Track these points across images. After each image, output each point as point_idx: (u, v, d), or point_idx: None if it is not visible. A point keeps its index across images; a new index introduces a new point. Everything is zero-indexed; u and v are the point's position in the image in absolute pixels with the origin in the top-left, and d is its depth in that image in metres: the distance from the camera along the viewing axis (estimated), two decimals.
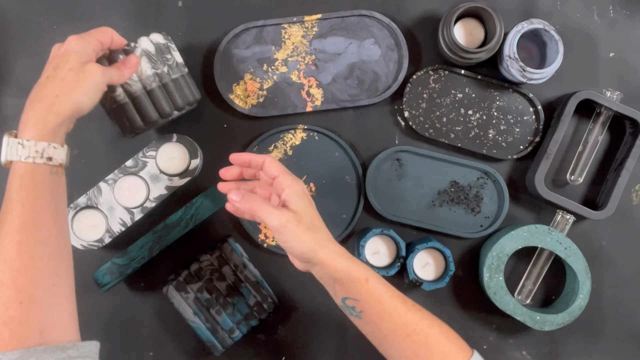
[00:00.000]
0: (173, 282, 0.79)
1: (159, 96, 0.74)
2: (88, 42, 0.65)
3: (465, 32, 0.81)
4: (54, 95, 0.61)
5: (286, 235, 0.63)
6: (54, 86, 0.62)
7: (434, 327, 0.67)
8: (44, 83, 0.62)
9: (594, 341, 0.83)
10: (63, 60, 0.63)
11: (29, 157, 0.60)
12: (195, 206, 0.78)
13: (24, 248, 0.58)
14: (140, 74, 0.72)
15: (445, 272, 0.80)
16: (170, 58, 0.75)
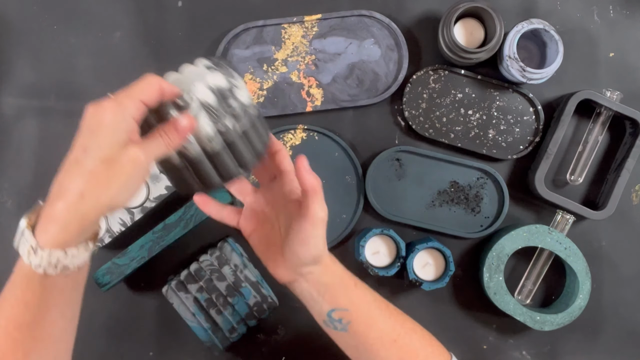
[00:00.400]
0: (173, 282, 0.79)
1: (223, 159, 0.56)
2: (126, 111, 0.50)
3: (465, 32, 0.81)
4: (79, 192, 0.49)
5: (320, 229, 0.59)
6: (80, 180, 0.49)
7: (416, 331, 0.66)
8: (70, 171, 0.50)
9: (594, 341, 0.83)
10: (94, 141, 0.49)
11: (39, 267, 0.50)
12: (195, 206, 0.78)
13: (20, 346, 0.52)
14: (198, 134, 0.53)
15: (445, 272, 0.80)
16: (235, 104, 0.55)
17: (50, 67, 0.84)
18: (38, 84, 0.84)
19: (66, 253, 0.51)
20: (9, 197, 0.83)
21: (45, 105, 0.84)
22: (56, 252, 0.50)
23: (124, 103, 0.50)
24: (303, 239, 0.59)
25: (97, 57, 0.84)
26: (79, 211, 0.49)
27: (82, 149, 0.50)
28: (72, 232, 0.50)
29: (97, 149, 0.49)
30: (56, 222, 0.50)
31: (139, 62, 0.84)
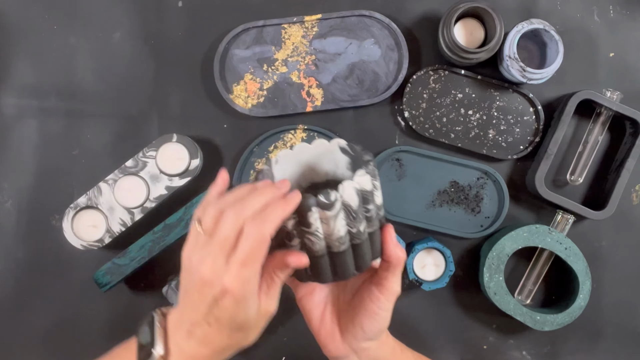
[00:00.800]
0: (173, 282, 0.79)
1: (344, 259, 0.53)
2: (252, 277, 0.48)
3: (465, 32, 0.81)
4: (220, 349, 0.51)
5: (391, 304, 0.56)
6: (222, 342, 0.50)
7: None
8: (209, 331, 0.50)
9: (594, 341, 0.83)
10: (227, 317, 0.49)
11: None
12: (195, 206, 0.78)
13: None
14: (330, 234, 0.51)
15: (445, 272, 0.80)
16: (372, 208, 0.52)
17: (50, 67, 0.84)
18: (38, 84, 0.84)
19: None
20: (9, 197, 0.83)
21: (45, 106, 0.84)
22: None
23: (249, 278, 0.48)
24: (373, 312, 0.55)
25: (97, 57, 0.84)
26: (220, 356, 0.52)
27: (215, 319, 0.49)
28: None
29: (232, 323, 0.49)
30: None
31: (139, 62, 0.84)
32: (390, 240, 0.54)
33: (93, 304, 0.83)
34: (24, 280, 0.83)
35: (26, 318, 0.83)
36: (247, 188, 0.50)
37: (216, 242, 0.48)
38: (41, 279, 0.83)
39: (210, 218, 0.48)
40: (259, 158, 0.83)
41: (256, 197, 0.48)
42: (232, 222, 0.47)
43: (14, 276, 0.83)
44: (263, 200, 0.48)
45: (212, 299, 0.48)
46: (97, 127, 0.84)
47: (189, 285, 0.50)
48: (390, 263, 0.54)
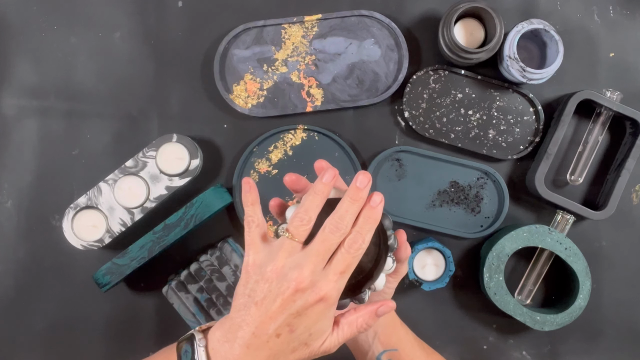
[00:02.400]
0: (173, 283, 0.79)
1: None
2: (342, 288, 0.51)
3: (465, 32, 0.81)
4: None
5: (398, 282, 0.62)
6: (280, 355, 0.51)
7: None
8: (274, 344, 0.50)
9: (594, 341, 0.83)
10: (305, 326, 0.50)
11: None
12: (195, 206, 0.78)
13: None
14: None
15: (445, 272, 0.80)
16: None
17: (50, 67, 0.84)
18: (38, 84, 0.84)
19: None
20: (9, 197, 0.83)
21: (45, 106, 0.84)
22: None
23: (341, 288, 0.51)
24: (383, 291, 0.61)
25: (97, 57, 0.84)
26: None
27: (289, 329, 0.50)
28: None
29: (305, 334, 0.51)
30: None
31: (139, 62, 0.84)
32: (404, 243, 0.58)
33: (93, 304, 0.83)
34: (24, 280, 0.83)
35: (26, 318, 0.83)
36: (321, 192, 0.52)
37: (318, 250, 0.50)
38: (41, 279, 0.83)
39: (304, 226, 0.51)
40: (259, 158, 0.83)
41: (351, 208, 0.51)
42: (337, 234, 0.50)
43: (14, 276, 0.83)
44: (356, 211, 0.51)
45: (301, 305, 0.49)
46: (97, 127, 0.84)
47: (267, 293, 0.50)
48: (402, 260, 0.58)
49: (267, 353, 0.51)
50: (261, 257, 0.52)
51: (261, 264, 0.51)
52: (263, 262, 0.51)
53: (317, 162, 0.55)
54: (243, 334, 0.51)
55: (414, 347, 0.67)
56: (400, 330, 0.67)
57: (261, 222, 0.54)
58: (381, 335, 0.64)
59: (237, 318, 0.51)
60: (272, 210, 0.57)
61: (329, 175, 0.52)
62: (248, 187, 0.54)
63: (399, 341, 0.65)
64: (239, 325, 0.51)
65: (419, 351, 0.67)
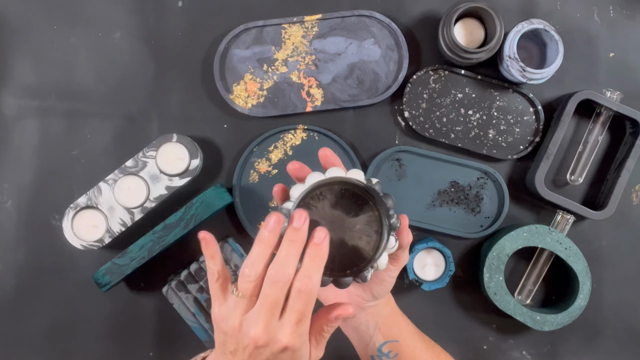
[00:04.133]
0: (173, 282, 0.79)
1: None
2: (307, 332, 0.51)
3: (465, 32, 0.81)
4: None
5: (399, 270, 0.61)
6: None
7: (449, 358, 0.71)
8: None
9: (594, 341, 0.83)
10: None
11: None
12: (195, 206, 0.78)
13: None
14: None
15: (445, 272, 0.80)
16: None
17: (50, 67, 0.84)
18: (38, 84, 0.84)
19: None
20: (9, 197, 0.83)
21: (45, 105, 0.84)
22: None
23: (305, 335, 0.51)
24: (384, 280, 0.60)
25: (97, 57, 0.84)
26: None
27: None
28: None
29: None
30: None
31: (139, 62, 0.84)
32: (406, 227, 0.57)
33: (93, 304, 0.83)
34: (24, 280, 0.83)
35: (26, 318, 0.83)
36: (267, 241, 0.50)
37: (266, 306, 0.49)
38: (41, 279, 0.83)
39: (249, 283, 0.49)
40: (259, 158, 0.83)
41: (291, 251, 0.49)
42: (280, 285, 0.48)
43: (14, 276, 0.83)
44: (298, 253, 0.49)
45: (268, 357, 0.50)
46: (97, 127, 0.84)
47: (236, 346, 0.51)
48: (403, 245, 0.58)
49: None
50: (222, 312, 0.51)
51: (223, 319, 0.51)
52: (224, 317, 0.51)
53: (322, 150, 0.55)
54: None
55: (415, 338, 0.68)
56: (401, 321, 0.67)
57: (221, 274, 0.53)
58: (382, 326, 0.65)
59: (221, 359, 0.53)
60: (275, 196, 0.56)
61: (273, 222, 0.49)
62: (205, 242, 0.53)
63: (399, 332, 0.66)
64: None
65: (420, 342, 0.68)
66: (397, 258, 0.59)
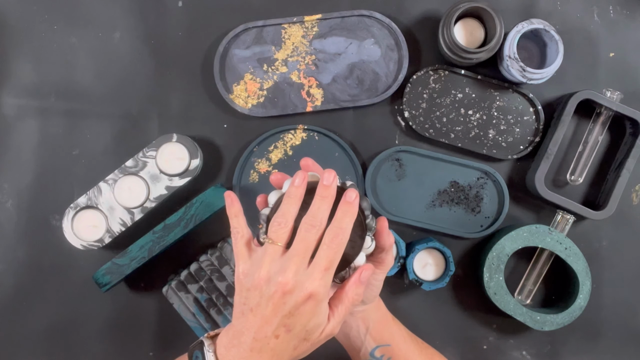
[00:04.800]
0: (173, 282, 0.79)
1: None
2: (329, 283, 0.53)
3: (465, 32, 0.81)
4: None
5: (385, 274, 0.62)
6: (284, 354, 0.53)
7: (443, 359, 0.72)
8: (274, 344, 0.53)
9: (594, 341, 0.83)
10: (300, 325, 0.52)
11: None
12: (195, 206, 0.78)
13: None
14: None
15: (445, 272, 0.80)
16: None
17: (50, 67, 0.84)
18: (38, 84, 0.84)
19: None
20: (9, 197, 0.83)
21: (45, 105, 0.84)
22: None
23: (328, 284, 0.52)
24: (371, 284, 0.61)
25: (97, 57, 0.84)
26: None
27: (285, 329, 0.52)
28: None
29: (302, 331, 0.53)
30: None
31: (139, 62, 0.84)
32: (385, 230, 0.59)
33: (93, 304, 0.83)
34: (24, 280, 0.83)
35: (26, 318, 0.83)
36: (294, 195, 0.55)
37: (299, 251, 0.52)
38: (41, 279, 0.83)
39: (283, 230, 0.54)
40: (259, 158, 0.83)
41: (322, 205, 0.54)
42: (314, 230, 0.53)
43: (14, 276, 0.83)
44: (328, 207, 0.54)
45: (292, 306, 0.51)
46: (97, 127, 0.84)
47: (259, 300, 0.52)
48: (385, 248, 0.59)
49: (270, 354, 0.53)
50: (248, 266, 0.54)
51: (249, 273, 0.54)
52: (250, 270, 0.54)
53: (303, 160, 0.58)
54: (245, 339, 0.53)
55: (407, 341, 0.68)
56: (393, 325, 0.68)
57: (245, 233, 0.57)
58: (373, 331, 0.65)
59: (238, 325, 0.54)
60: (258, 206, 0.59)
61: (299, 179, 0.55)
62: (230, 200, 0.58)
63: (391, 336, 0.66)
64: (241, 331, 0.54)
65: (412, 345, 0.68)
66: (381, 261, 0.60)
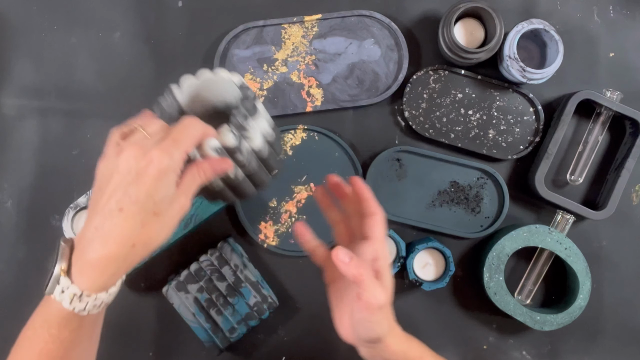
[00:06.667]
0: (173, 282, 0.79)
1: (243, 185, 0.63)
2: (177, 165, 0.51)
3: (465, 32, 0.81)
4: (130, 243, 0.50)
5: (377, 315, 0.55)
6: (130, 231, 0.49)
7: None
8: (116, 220, 0.49)
9: (594, 341, 0.83)
10: (145, 193, 0.49)
11: (83, 311, 0.52)
12: (195, 206, 0.78)
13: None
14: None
15: (445, 272, 0.80)
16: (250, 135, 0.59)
17: (50, 67, 0.84)
18: (38, 84, 0.84)
19: (108, 292, 0.52)
20: (9, 197, 0.83)
21: (45, 105, 0.84)
22: (101, 295, 0.52)
23: (174, 156, 0.51)
24: (361, 320, 0.56)
25: (97, 57, 0.84)
26: (128, 260, 0.51)
27: (130, 200, 0.49)
28: (118, 276, 0.52)
29: (149, 202, 0.49)
30: (103, 271, 0.50)
31: (139, 62, 0.84)
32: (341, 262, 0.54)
33: None
34: (24, 280, 0.83)
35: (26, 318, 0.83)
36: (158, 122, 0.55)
37: (153, 131, 0.52)
38: (41, 279, 0.83)
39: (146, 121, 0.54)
40: None
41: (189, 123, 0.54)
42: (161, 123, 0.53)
43: (14, 276, 0.83)
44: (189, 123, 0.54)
45: (133, 176, 0.49)
46: (97, 127, 0.84)
47: (105, 180, 0.50)
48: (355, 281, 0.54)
49: (118, 232, 0.49)
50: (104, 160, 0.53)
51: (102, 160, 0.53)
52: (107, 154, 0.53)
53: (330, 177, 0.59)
54: (93, 217, 0.50)
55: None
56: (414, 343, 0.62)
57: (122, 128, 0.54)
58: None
59: (89, 209, 0.52)
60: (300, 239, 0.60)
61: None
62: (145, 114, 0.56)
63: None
64: (90, 217, 0.51)
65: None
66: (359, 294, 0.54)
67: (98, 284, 0.51)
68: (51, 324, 0.52)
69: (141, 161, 0.49)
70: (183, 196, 0.52)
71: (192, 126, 0.52)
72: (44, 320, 0.52)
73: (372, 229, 0.57)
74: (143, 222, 0.49)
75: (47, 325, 0.52)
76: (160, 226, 0.51)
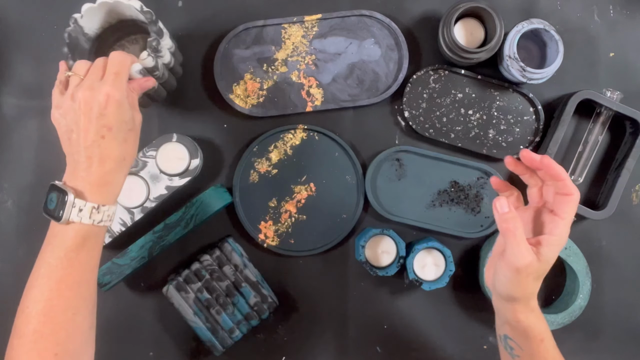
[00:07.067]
0: (173, 282, 0.79)
1: (158, 92, 0.76)
2: (124, 88, 0.62)
3: (465, 32, 0.81)
4: (121, 157, 0.62)
5: (515, 276, 0.57)
6: (118, 148, 0.61)
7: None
8: (102, 143, 0.60)
9: (594, 341, 0.83)
10: (117, 119, 0.61)
11: (102, 222, 0.61)
12: (195, 206, 0.78)
13: (71, 304, 0.60)
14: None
15: (445, 272, 0.80)
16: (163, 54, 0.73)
17: (50, 67, 0.84)
18: (38, 84, 0.84)
19: (113, 205, 0.62)
20: (9, 197, 0.83)
21: (45, 105, 0.83)
22: (112, 207, 0.62)
23: (122, 87, 0.62)
24: (499, 273, 0.59)
25: None
26: (122, 171, 0.62)
27: (107, 128, 0.60)
28: (119, 187, 0.63)
29: (122, 124, 0.61)
30: (109, 184, 0.61)
31: None
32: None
33: None
34: (24, 279, 0.83)
35: None
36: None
37: (90, 73, 0.62)
38: None
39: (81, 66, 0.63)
40: (259, 158, 0.83)
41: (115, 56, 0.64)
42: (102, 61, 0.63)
43: (14, 276, 0.83)
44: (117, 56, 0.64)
45: (98, 111, 0.60)
46: None
47: (73, 118, 0.60)
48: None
49: (110, 151, 0.60)
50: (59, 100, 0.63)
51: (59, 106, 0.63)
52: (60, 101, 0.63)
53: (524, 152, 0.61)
54: (78, 156, 0.60)
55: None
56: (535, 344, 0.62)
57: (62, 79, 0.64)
58: (507, 327, 0.62)
59: (69, 152, 0.62)
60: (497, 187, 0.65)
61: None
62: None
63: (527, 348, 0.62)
64: (72, 153, 0.61)
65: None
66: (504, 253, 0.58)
67: (107, 196, 0.61)
68: (69, 248, 0.60)
69: (98, 97, 0.60)
70: (136, 111, 0.64)
71: (122, 59, 0.63)
72: (59, 250, 0.60)
73: (564, 207, 0.59)
74: (125, 139, 0.62)
75: (64, 251, 0.60)
76: (134, 138, 0.64)
